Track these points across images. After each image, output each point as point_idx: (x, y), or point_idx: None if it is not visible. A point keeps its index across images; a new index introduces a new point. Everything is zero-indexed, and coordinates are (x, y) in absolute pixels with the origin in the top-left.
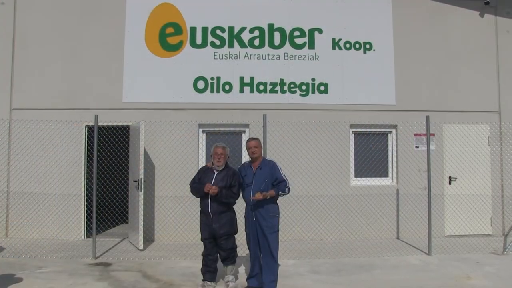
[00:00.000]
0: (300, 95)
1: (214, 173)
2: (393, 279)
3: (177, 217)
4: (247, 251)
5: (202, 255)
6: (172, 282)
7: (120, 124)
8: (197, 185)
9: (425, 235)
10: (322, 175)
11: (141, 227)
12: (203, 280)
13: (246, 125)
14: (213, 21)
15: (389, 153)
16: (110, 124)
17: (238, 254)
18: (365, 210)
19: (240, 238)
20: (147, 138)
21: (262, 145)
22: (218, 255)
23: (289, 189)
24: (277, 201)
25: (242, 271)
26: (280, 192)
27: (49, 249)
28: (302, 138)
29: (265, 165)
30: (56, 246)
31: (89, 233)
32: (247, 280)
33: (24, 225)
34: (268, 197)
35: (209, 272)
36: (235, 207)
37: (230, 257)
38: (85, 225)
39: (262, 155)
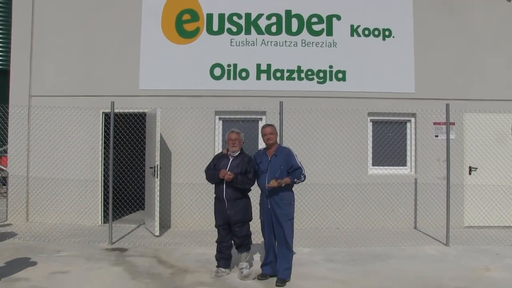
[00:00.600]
0: (318, 82)
1: (229, 159)
2: (409, 269)
3: (193, 204)
4: (262, 239)
5: (216, 242)
6: (187, 268)
7: (136, 111)
8: (212, 171)
9: (443, 225)
10: (339, 164)
11: (157, 214)
12: (217, 266)
13: (263, 113)
14: (230, 7)
15: (408, 142)
16: (126, 111)
17: (253, 242)
18: (382, 199)
19: (255, 225)
20: (164, 125)
21: (278, 132)
22: (232, 242)
23: (304, 176)
24: (293, 189)
25: (257, 258)
26: (295, 180)
27: (67, 234)
28: (319, 126)
29: (280, 152)
30: (74, 231)
31: (106, 219)
32: (261, 267)
33: (43, 210)
34: (283, 185)
35: (223, 258)
36: (250, 194)
37: (245, 244)
38: (102, 211)
39: (278, 142)
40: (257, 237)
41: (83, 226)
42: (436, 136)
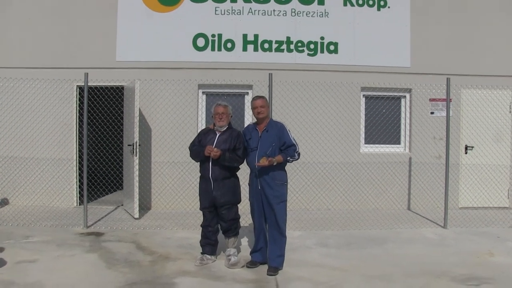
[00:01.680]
0: (308, 54)
1: (216, 134)
2: (408, 254)
3: (176, 184)
4: (251, 222)
5: (201, 226)
6: (168, 255)
7: (113, 84)
8: (197, 148)
9: (438, 206)
10: (330, 141)
11: (136, 195)
12: (202, 253)
13: (249, 86)
14: None
15: (402, 119)
16: (102, 84)
17: (241, 225)
18: (375, 179)
19: (243, 207)
20: (143, 99)
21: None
22: (218, 226)
23: (298, 154)
24: (286, 168)
25: (245, 243)
26: (288, 158)
27: (39, 217)
28: (310, 101)
29: (272, 127)
30: (47, 214)
31: (81, 200)
32: (250, 254)
33: (13, 191)
34: (274, 163)
35: (208, 244)
36: (238, 173)
37: (232, 229)
38: (78, 192)
39: (270, 117)
40: (245, 220)
41: (57, 209)
42: (432, 113)
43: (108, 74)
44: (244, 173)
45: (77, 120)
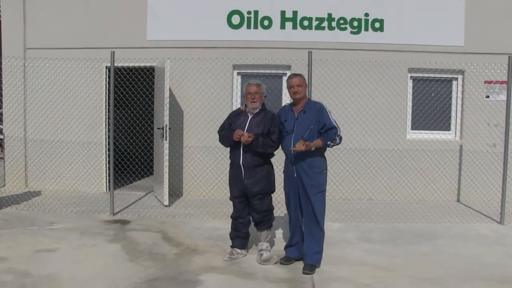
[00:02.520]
0: (351, 32)
1: (248, 117)
2: (462, 253)
3: (208, 170)
4: (286, 213)
5: (231, 217)
6: (196, 247)
7: (143, 64)
8: (226, 132)
9: (492, 199)
10: (373, 126)
11: (166, 181)
12: (232, 246)
13: (288, 67)
14: None
15: (453, 103)
16: (132, 64)
17: (275, 216)
18: (421, 167)
19: (278, 197)
20: (175, 80)
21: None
22: (250, 217)
23: (340, 138)
24: (325, 154)
25: (280, 235)
26: (328, 142)
27: (66, 203)
28: (352, 83)
29: (310, 108)
30: (74, 200)
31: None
32: (285, 249)
33: (43, 175)
34: (312, 148)
35: (239, 237)
36: (273, 160)
37: (265, 221)
38: (107, 177)
39: (307, 97)
40: (280, 210)
41: (85, 194)
42: (487, 96)
43: (138, 53)
44: (279, 159)
45: (107, 102)
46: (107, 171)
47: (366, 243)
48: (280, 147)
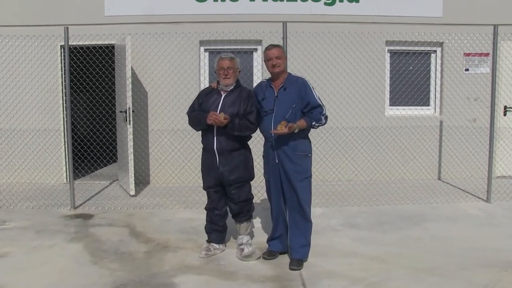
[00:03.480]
0: (325, 3)
1: (221, 95)
2: (455, 236)
3: (177, 155)
4: (265, 198)
5: (205, 209)
6: (167, 243)
7: (103, 43)
8: (197, 114)
9: (473, 176)
10: (351, 103)
11: (131, 168)
12: (208, 241)
13: (259, 42)
14: None
15: (432, 77)
16: (90, 43)
17: (254, 202)
18: (401, 145)
19: (257, 183)
20: (137, 59)
21: None
22: (227, 208)
23: (326, 118)
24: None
25: (258, 225)
26: (313, 123)
27: (22, 197)
28: (327, 57)
29: (291, 83)
30: (31, 193)
31: (75, 175)
32: (268, 242)
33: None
34: (296, 130)
35: (215, 231)
36: (250, 143)
37: (244, 212)
38: (68, 167)
39: (287, 71)
40: (257, 196)
41: (44, 186)
42: (467, 69)
43: (96, 30)
44: (257, 143)
45: (63, 85)
46: (67, 160)
47: (353, 230)
48: (258, 129)
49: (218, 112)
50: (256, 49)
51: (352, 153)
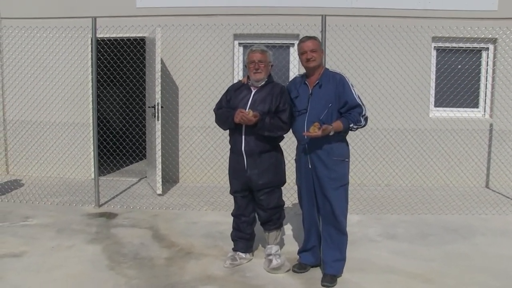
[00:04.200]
0: None
1: (251, 91)
2: (508, 255)
3: (208, 153)
4: (295, 202)
5: (232, 215)
6: (191, 249)
7: (134, 35)
8: (225, 111)
9: None
10: (392, 103)
11: (159, 166)
12: (234, 249)
13: (296, 36)
14: None
15: (482, 77)
16: (120, 35)
17: (286, 208)
18: (446, 149)
19: (287, 185)
20: (168, 53)
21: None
22: (255, 215)
23: (366, 119)
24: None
25: (289, 232)
26: (351, 125)
27: (48, 191)
28: (370, 52)
29: (327, 80)
30: (57, 188)
31: (100, 171)
32: (298, 254)
33: (25, 160)
34: (331, 133)
35: (242, 239)
36: (282, 145)
37: (274, 220)
38: (96, 162)
39: (324, 66)
40: (288, 200)
41: (72, 181)
42: None
43: (127, 22)
44: (291, 144)
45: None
46: (96, 155)
47: (392, 242)
48: (290, 130)
49: (247, 109)
50: (293, 44)
51: (392, 156)
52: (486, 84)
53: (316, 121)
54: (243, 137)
